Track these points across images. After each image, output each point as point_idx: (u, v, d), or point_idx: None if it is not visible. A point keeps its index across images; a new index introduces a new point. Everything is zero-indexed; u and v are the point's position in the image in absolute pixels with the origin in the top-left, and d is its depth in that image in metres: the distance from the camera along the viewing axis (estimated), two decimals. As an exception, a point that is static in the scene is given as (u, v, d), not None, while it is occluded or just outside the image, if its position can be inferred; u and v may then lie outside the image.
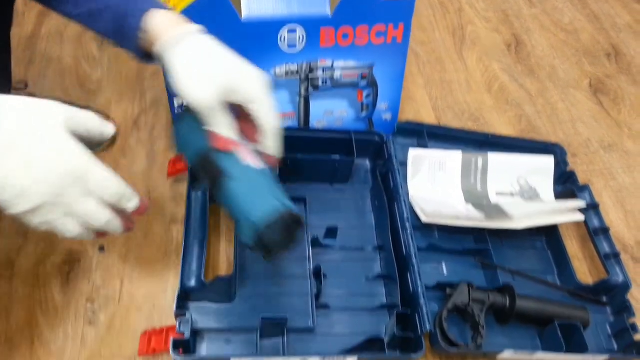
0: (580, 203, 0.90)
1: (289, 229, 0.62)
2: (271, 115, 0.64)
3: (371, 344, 0.76)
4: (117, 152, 1.00)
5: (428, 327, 0.74)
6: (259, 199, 0.63)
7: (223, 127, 0.62)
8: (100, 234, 0.60)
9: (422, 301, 0.76)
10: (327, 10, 0.85)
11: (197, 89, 0.59)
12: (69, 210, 0.55)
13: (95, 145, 0.57)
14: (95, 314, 0.82)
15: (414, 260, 0.80)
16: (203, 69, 0.60)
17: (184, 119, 0.66)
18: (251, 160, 0.65)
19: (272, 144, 0.66)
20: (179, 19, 0.64)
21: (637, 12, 1.36)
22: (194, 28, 0.64)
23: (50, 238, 0.89)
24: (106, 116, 0.99)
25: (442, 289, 0.81)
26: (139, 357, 0.78)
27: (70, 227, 0.56)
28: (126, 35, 0.65)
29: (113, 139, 1.00)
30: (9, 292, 0.83)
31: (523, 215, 0.86)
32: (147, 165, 0.99)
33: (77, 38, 1.20)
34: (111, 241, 0.89)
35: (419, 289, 0.77)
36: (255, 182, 0.64)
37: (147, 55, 0.67)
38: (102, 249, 0.88)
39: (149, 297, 0.83)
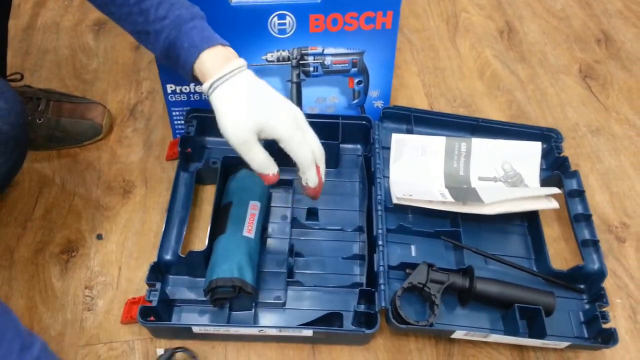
0: (556, 191, 0.89)
1: (238, 292, 0.77)
2: (300, 152, 0.67)
3: (334, 319, 0.80)
4: (113, 142, 1.01)
5: (383, 304, 0.76)
6: (226, 263, 0.78)
7: (258, 159, 0.66)
8: None
9: (381, 280, 0.79)
10: (316, -3, 0.86)
11: (232, 129, 0.64)
12: None
13: None
14: (93, 300, 0.84)
15: (379, 241, 0.82)
16: (238, 110, 0.64)
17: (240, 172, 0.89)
18: (249, 230, 0.82)
19: (306, 176, 0.70)
20: (225, 57, 0.66)
21: (628, -3, 1.37)
22: (236, 65, 0.66)
23: (49, 227, 0.91)
24: (103, 106, 1.00)
25: (405, 269, 0.83)
26: (121, 324, 0.81)
27: None
28: (179, 65, 0.68)
29: (110, 128, 1.02)
30: (8, 280, 0.85)
31: (497, 202, 0.86)
32: (143, 154, 1.00)
33: (72, 29, 1.21)
34: (109, 229, 0.91)
35: (380, 268, 0.80)
36: (236, 248, 0.80)
37: (197, 79, 0.69)
38: (100, 237, 0.90)
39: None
